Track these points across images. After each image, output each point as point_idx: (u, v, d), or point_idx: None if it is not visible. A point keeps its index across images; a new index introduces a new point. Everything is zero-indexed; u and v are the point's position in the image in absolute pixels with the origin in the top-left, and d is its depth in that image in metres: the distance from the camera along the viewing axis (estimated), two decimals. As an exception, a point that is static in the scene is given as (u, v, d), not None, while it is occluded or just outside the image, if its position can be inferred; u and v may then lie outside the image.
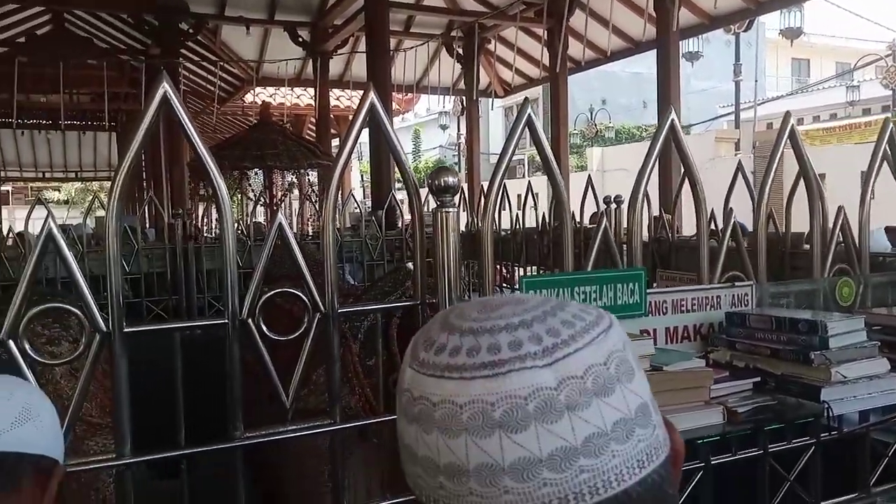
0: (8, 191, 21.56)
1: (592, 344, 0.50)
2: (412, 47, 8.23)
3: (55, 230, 1.07)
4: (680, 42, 6.70)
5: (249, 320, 1.20)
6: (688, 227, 4.22)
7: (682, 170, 3.84)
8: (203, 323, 1.52)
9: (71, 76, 7.92)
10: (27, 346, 1.07)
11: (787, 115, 1.58)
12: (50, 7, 8.47)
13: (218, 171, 1.15)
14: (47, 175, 17.18)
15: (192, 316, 4.34)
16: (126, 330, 1.11)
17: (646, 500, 0.49)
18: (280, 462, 2.39)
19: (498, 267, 5.07)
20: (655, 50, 6.50)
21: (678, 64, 6.47)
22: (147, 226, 6.55)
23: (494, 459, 0.48)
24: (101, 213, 6.04)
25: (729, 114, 19.93)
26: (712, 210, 2.76)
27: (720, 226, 2.71)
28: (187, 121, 1.13)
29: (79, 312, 1.10)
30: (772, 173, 1.58)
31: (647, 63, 8.74)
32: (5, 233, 4.54)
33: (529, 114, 1.31)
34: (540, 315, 0.52)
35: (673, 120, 1.49)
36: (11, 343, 1.05)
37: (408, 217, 6.14)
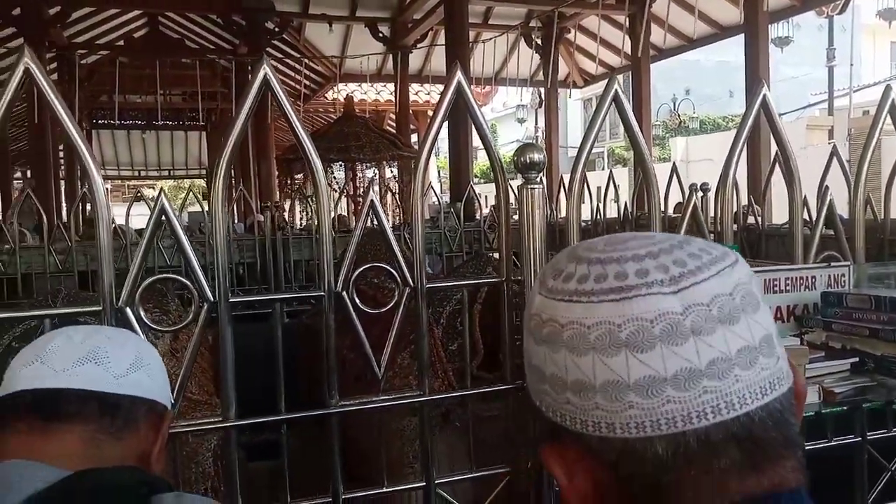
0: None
1: (719, 275, 0.52)
2: (490, 38, 8.23)
3: (167, 205, 1.15)
4: (769, 26, 6.44)
5: (344, 293, 1.24)
6: (778, 217, 4.06)
7: (772, 157, 3.71)
8: (302, 295, 1.60)
9: (165, 76, 8.33)
10: (142, 314, 1.15)
11: (888, 88, 1.51)
12: (146, 10, 8.90)
13: (313, 148, 1.20)
14: (143, 173, 18.06)
15: (275, 315, 4.48)
16: (231, 300, 1.18)
17: (767, 424, 0.51)
18: (366, 444, 2.45)
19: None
20: (742, 35, 6.28)
21: (767, 49, 6.22)
22: (236, 220, 6.83)
23: (620, 376, 0.51)
24: (191, 208, 6.33)
25: (822, 101, 18.99)
26: (805, 196, 2.66)
27: (813, 214, 2.61)
28: (285, 100, 1.18)
29: (188, 283, 1.18)
30: (871, 149, 1.52)
31: (733, 50, 8.43)
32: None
33: (616, 89, 1.31)
34: (667, 248, 0.54)
35: (765, 95, 1.45)
36: (128, 310, 1.14)
37: (486, 210, 6.17)
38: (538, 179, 1.31)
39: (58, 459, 0.76)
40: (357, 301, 1.26)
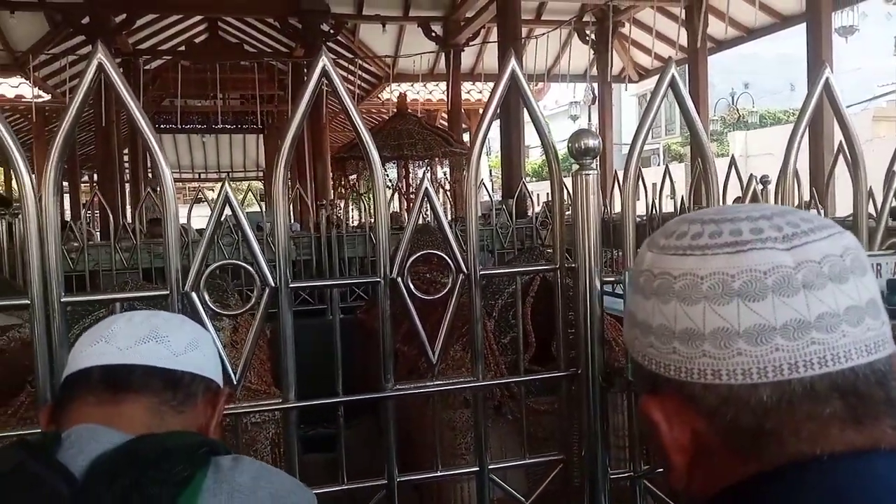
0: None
1: (829, 238, 0.54)
2: (543, 34, 8.18)
3: (230, 192, 1.19)
4: (833, 14, 6.23)
5: (399, 279, 1.27)
6: (841, 212, 3.92)
7: (835, 149, 3.58)
8: (358, 280, 1.62)
9: (224, 80, 8.55)
10: (207, 298, 1.20)
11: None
12: (206, 16, 9.16)
13: (369, 136, 1.22)
14: (202, 176, 18.55)
15: (333, 300, 4.55)
16: (292, 285, 1.22)
17: (871, 381, 0.53)
18: (418, 437, 2.48)
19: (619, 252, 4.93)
20: (804, 24, 6.08)
21: (830, 38, 6.02)
22: (292, 219, 6.96)
23: (730, 324, 0.53)
24: (248, 209, 6.49)
25: (889, 93, 18.24)
26: (871, 188, 2.57)
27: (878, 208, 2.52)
28: (342, 90, 1.21)
29: (251, 269, 1.22)
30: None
31: (794, 42, 8.19)
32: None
33: (673, 74, 1.29)
34: (779, 212, 0.56)
35: (828, 79, 1.41)
36: (193, 294, 1.18)
37: (537, 208, 6.15)
38: (593, 165, 1.31)
39: (124, 426, 0.81)
40: (412, 287, 1.28)
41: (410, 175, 7.26)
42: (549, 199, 1.54)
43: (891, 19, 16.82)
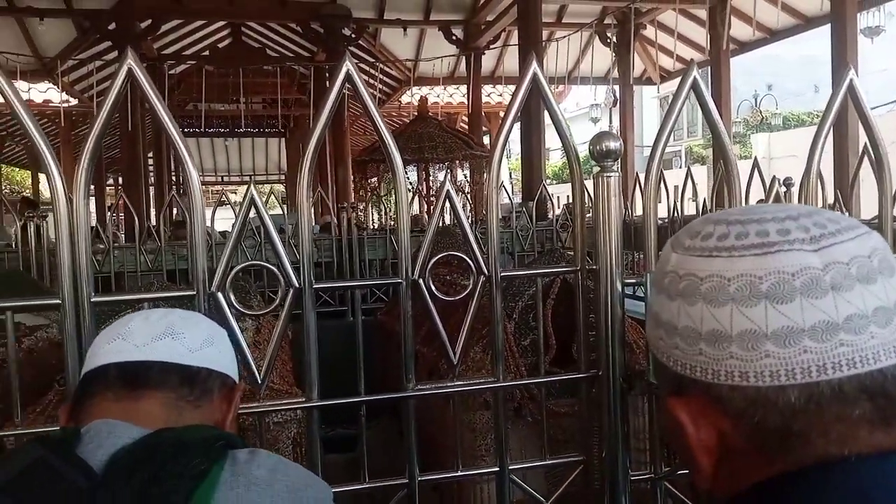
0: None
1: (856, 239, 0.54)
2: (564, 36, 8.17)
3: (255, 195, 1.21)
4: (858, 15, 6.15)
5: (420, 280, 1.28)
6: (865, 215, 3.87)
7: (860, 151, 3.54)
8: (380, 282, 1.64)
9: (247, 85, 8.66)
10: (233, 299, 1.22)
11: None
12: (229, 21, 9.27)
13: (390, 136, 1.24)
14: (225, 179, 18.73)
15: (355, 302, 4.58)
16: (315, 286, 1.24)
17: None
18: (439, 439, 2.49)
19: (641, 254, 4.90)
20: (829, 25, 6.01)
21: (855, 39, 5.95)
22: (313, 221, 7.01)
23: (758, 326, 0.53)
24: (271, 212, 6.54)
25: (917, 94, 17.94)
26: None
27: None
28: (365, 93, 1.23)
29: (275, 269, 1.23)
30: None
31: (819, 44, 8.10)
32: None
33: (695, 76, 1.29)
34: (805, 213, 0.56)
35: (852, 79, 1.40)
36: (220, 295, 1.20)
37: (558, 211, 6.13)
38: (614, 167, 1.31)
39: (142, 421, 0.83)
40: (433, 288, 1.29)
41: (431, 178, 7.28)
42: (570, 201, 1.54)
43: (918, 19, 16.54)
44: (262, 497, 0.78)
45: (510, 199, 6.22)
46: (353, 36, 8.26)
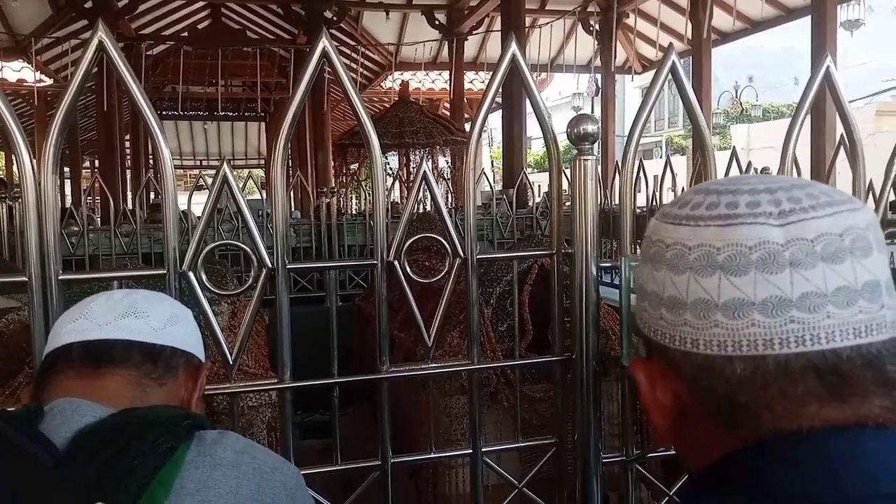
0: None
1: (832, 216, 0.53)
2: (547, 23, 8.16)
3: (228, 173, 1.19)
4: (838, 8, 6.20)
5: (396, 262, 1.27)
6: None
7: (837, 142, 3.58)
8: (355, 263, 1.62)
9: (226, 67, 8.54)
10: (204, 278, 1.20)
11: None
12: (209, 2, 9.13)
13: (369, 122, 1.23)
14: (204, 163, 18.53)
15: (330, 282, 4.55)
16: (289, 266, 1.22)
17: (856, 364, 0.52)
18: (415, 424, 2.49)
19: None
20: (809, 17, 6.05)
21: (835, 32, 5.99)
22: (293, 207, 6.96)
23: (711, 296, 0.54)
24: (250, 197, 6.48)
25: (892, 88, 18.17)
26: (871, 181, 2.56)
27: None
28: (342, 72, 1.21)
29: (248, 249, 1.22)
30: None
31: (799, 36, 8.16)
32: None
33: (674, 61, 1.29)
34: (787, 186, 0.55)
35: (828, 67, 1.41)
36: (191, 273, 1.19)
37: (538, 198, 6.14)
38: (592, 151, 1.31)
39: (106, 399, 0.82)
40: (408, 271, 1.28)
41: (411, 163, 7.26)
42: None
43: (896, 14, 16.72)
44: (228, 477, 0.77)
45: (491, 186, 6.22)
46: (335, 19, 8.18)
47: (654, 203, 4.70)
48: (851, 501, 0.50)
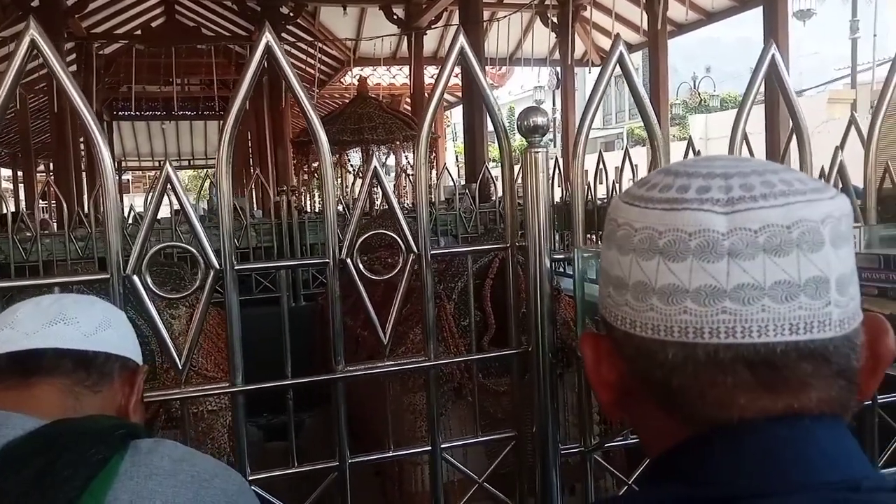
0: (128, 180, 23.11)
1: (784, 207, 0.51)
2: (504, 16, 8.17)
3: (172, 173, 1.16)
4: (790, -2, 6.31)
5: (348, 259, 1.25)
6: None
7: (790, 128, 3.65)
8: (305, 263, 1.60)
9: (182, 65, 8.39)
10: (149, 281, 1.17)
11: (902, 46, 1.48)
12: (162, -1, 8.95)
13: (317, 117, 1.20)
14: (162, 163, 18.18)
15: (297, 288, 4.51)
16: (237, 267, 1.20)
17: (791, 357, 0.51)
18: (379, 421, 2.48)
19: (589, 237, 4.98)
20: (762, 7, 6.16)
21: (787, 22, 6.11)
22: (255, 206, 6.87)
23: (649, 279, 0.54)
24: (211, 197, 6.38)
25: (845, 77, 18.61)
26: (823, 167, 2.61)
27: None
28: (288, 69, 1.19)
29: (194, 250, 1.19)
30: (881, 113, 1.49)
31: (756, 26, 8.31)
32: (127, 214, 4.88)
33: (621, 51, 1.29)
34: (747, 172, 0.54)
35: (774, 56, 1.42)
36: (135, 277, 1.15)
37: (500, 193, 6.16)
38: (542, 143, 1.31)
39: (37, 410, 0.79)
40: (361, 267, 1.27)
41: (373, 160, 7.22)
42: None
43: (847, 4, 17.13)
44: (164, 486, 0.75)
45: (454, 181, 6.22)
46: (292, 14, 8.08)
47: (615, 194, 4.74)
48: (792, 489, 0.50)
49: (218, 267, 1.18)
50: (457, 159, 20.77)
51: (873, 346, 0.55)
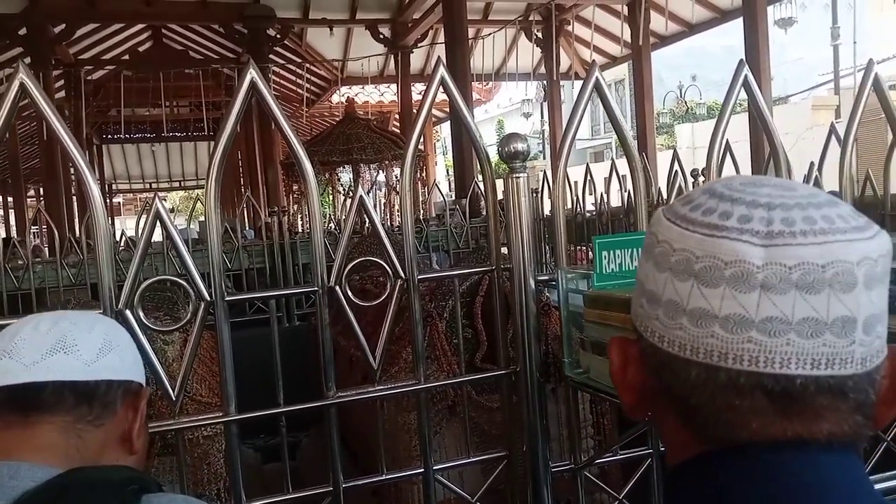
0: (119, 202, 23.05)
1: (821, 245, 0.52)
2: (490, 34, 8.24)
3: (161, 207, 1.19)
4: (771, 7, 6.40)
5: (336, 287, 1.28)
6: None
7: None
8: (295, 291, 1.62)
9: (170, 88, 8.41)
10: (142, 315, 1.19)
11: (871, 61, 1.53)
12: (149, 24, 8.99)
13: (298, 141, 1.23)
14: (153, 185, 18.20)
15: (290, 308, 4.51)
16: (227, 298, 1.22)
17: (810, 390, 0.52)
18: (376, 441, 2.49)
19: (580, 249, 5.02)
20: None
21: (766, 31, 6.19)
22: (247, 226, 6.88)
23: (681, 300, 0.55)
24: (201, 219, 6.39)
25: (828, 82, 18.80)
26: (805, 176, 2.66)
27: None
28: (273, 104, 1.22)
29: (185, 283, 1.21)
30: (856, 121, 1.53)
31: (738, 35, 8.42)
32: (118, 237, 4.89)
33: (597, 76, 1.33)
34: (791, 205, 0.54)
35: (746, 75, 1.46)
36: (128, 312, 1.18)
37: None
38: (523, 168, 1.34)
39: (40, 454, 0.78)
40: (350, 294, 1.29)
41: (366, 180, 7.24)
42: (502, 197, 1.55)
43: (829, 10, 17.33)
44: None
45: (444, 197, 6.25)
46: (279, 36, 8.13)
47: (602, 206, 4.79)
48: None
49: (209, 298, 1.20)
50: (447, 173, 20.82)
51: (894, 378, 0.56)
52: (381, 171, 7.24)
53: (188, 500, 0.82)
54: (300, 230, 5.67)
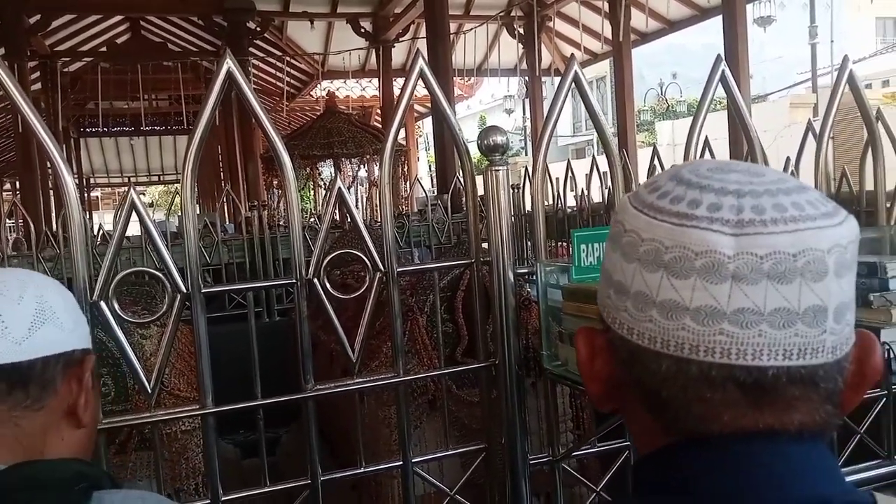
0: (97, 196, 22.79)
1: (793, 233, 0.51)
2: (471, 29, 8.24)
3: (136, 199, 1.18)
4: (751, 6, 6.45)
5: (315, 279, 1.27)
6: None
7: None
8: (272, 283, 1.61)
9: (149, 81, 8.32)
10: (117, 307, 1.18)
11: (846, 58, 1.54)
12: (127, 15, 8.88)
13: (277, 134, 1.22)
14: (132, 180, 18.02)
15: (270, 303, 4.49)
16: (204, 290, 1.21)
17: (782, 381, 0.52)
18: (356, 435, 2.49)
19: (561, 244, 5.04)
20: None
21: (745, 29, 6.23)
22: (227, 221, 6.83)
23: (650, 292, 0.54)
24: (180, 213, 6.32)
25: (806, 80, 19.02)
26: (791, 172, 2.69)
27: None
28: (251, 95, 1.21)
29: (161, 275, 1.20)
30: (830, 119, 1.55)
31: (720, 34, 8.49)
32: (96, 232, 4.83)
33: (576, 70, 1.33)
34: (761, 191, 0.53)
35: (724, 70, 1.47)
36: (103, 304, 1.16)
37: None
38: (502, 161, 1.34)
39: None
40: (329, 287, 1.29)
41: (348, 175, 7.23)
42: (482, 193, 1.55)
43: (807, 9, 17.53)
44: None
45: (425, 192, 6.25)
46: (259, 29, 8.06)
47: (584, 202, 4.82)
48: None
49: (185, 290, 1.19)
50: (430, 169, 20.80)
51: (861, 363, 0.56)
52: (362, 166, 7.22)
53: (143, 497, 0.75)
54: (281, 223, 5.64)
